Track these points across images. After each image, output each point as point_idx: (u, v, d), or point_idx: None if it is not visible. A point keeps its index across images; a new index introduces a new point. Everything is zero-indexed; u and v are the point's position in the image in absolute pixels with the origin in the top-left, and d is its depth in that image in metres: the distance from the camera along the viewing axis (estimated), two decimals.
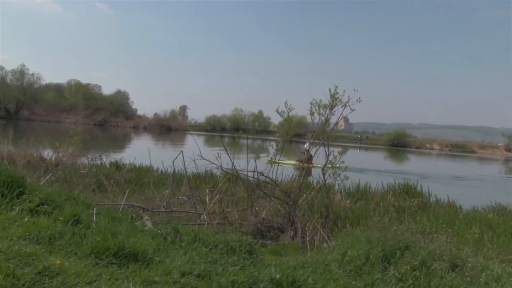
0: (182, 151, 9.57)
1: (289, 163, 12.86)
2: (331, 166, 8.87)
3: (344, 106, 8.62)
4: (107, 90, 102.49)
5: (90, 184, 10.16)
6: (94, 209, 5.95)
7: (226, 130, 73.78)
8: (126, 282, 3.57)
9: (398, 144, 74.44)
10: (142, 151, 15.91)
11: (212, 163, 8.70)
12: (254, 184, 8.82)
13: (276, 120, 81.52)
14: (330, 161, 8.86)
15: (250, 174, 8.80)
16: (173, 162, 9.75)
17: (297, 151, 24.56)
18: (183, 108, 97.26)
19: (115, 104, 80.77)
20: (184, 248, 4.95)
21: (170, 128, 78.75)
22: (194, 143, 10.34)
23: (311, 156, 9.82)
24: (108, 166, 13.70)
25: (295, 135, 10.34)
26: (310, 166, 9.84)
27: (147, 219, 6.57)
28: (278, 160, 9.19)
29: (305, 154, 23.19)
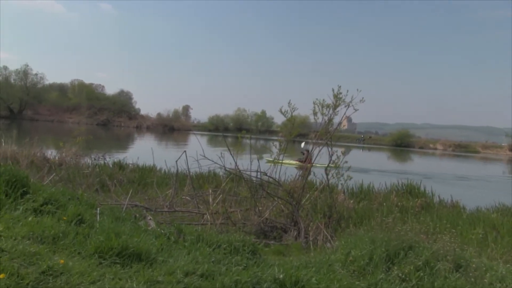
0: (185, 151, 9.57)
1: (288, 162, 12.84)
2: (334, 166, 8.85)
3: (347, 106, 8.62)
4: (110, 90, 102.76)
5: (94, 184, 10.18)
6: (98, 208, 5.96)
7: (229, 130, 73.76)
8: (129, 281, 3.57)
9: (402, 144, 74.33)
10: (145, 151, 15.96)
11: (215, 163, 8.70)
12: (257, 184, 8.82)
13: (279, 120, 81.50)
14: (333, 161, 8.85)
15: (253, 174, 8.80)
16: (176, 162, 9.76)
17: (300, 151, 24.53)
18: (186, 108, 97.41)
19: (118, 104, 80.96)
20: (187, 248, 4.94)
21: (173, 128, 78.82)
22: (197, 143, 10.33)
23: (310, 156, 9.81)
24: (111, 166, 13.71)
25: (298, 135, 10.27)
26: (309, 165, 9.81)
27: (150, 219, 6.57)
28: (278, 160, 9.18)
29: (304, 154, 23.34)
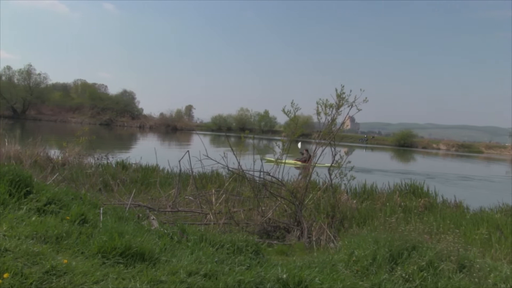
0: (188, 151, 9.58)
1: (287, 162, 12.80)
2: (337, 166, 8.84)
3: (351, 106, 8.60)
4: (113, 90, 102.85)
5: (97, 183, 10.20)
6: (101, 208, 5.96)
7: (232, 130, 73.75)
8: (133, 281, 3.57)
9: (405, 144, 74.18)
10: (148, 151, 15.95)
11: (218, 162, 8.70)
12: (260, 184, 8.81)
13: (282, 120, 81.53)
14: (336, 161, 8.84)
15: (256, 174, 8.79)
16: (179, 162, 9.76)
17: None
18: (189, 108, 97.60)
19: (121, 104, 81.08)
20: (190, 248, 4.94)
21: (176, 128, 78.89)
22: (200, 143, 10.34)
23: (310, 156, 9.80)
24: (114, 166, 13.74)
25: (301, 135, 10.27)
26: (307, 165, 9.83)
27: (153, 219, 6.58)
28: (276, 160, 9.17)
29: (303, 154, 23.35)
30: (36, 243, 3.94)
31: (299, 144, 23.93)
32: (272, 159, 9.18)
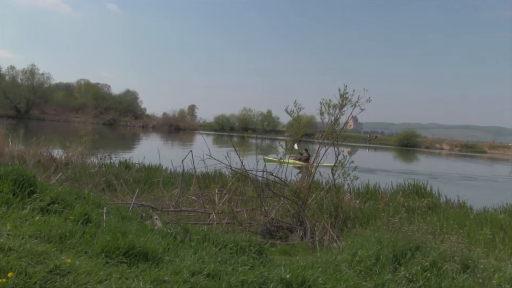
0: (191, 151, 9.58)
1: (286, 161, 12.75)
2: (340, 166, 8.83)
3: (354, 105, 8.59)
4: (116, 89, 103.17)
5: (100, 183, 10.21)
6: (104, 208, 5.97)
7: (235, 130, 73.80)
8: (136, 281, 3.57)
9: (408, 144, 74.04)
10: (151, 151, 16.00)
11: (221, 162, 8.70)
12: (263, 184, 8.81)
13: (284, 120, 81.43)
14: (339, 161, 8.82)
15: (259, 174, 8.79)
16: (182, 161, 9.77)
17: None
18: (192, 108, 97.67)
19: (124, 103, 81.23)
20: (193, 247, 4.94)
21: (179, 127, 78.94)
22: (203, 143, 10.33)
23: (309, 156, 9.80)
24: (117, 166, 13.74)
25: (304, 134, 10.28)
26: (307, 164, 9.82)
27: (156, 219, 6.58)
28: (276, 159, 9.16)
29: (302, 154, 23.36)
30: (40, 242, 3.95)
31: (296, 146, 23.92)
32: (272, 158, 9.18)
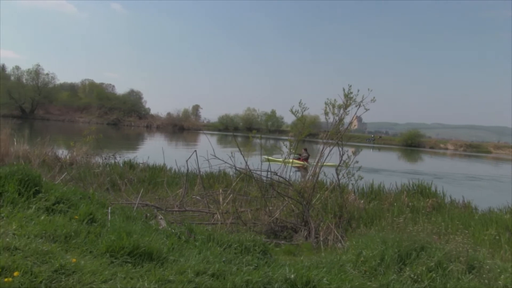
0: (195, 151, 9.59)
1: (285, 161, 12.74)
2: (345, 166, 8.81)
3: (358, 105, 8.57)
4: (120, 89, 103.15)
5: (104, 183, 10.23)
6: (109, 208, 5.98)
7: (239, 130, 73.81)
8: (141, 281, 3.58)
9: (412, 144, 73.81)
10: (155, 151, 16.00)
11: (225, 162, 8.70)
12: (268, 183, 8.80)
13: (289, 119, 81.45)
14: (344, 161, 8.81)
15: (263, 174, 8.79)
16: (186, 161, 9.78)
17: (310, 150, 24.49)
18: (196, 108, 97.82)
19: (128, 103, 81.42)
20: (198, 247, 4.95)
21: (183, 127, 79.05)
22: (207, 143, 10.35)
23: (308, 155, 9.78)
24: (121, 165, 13.77)
25: (308, 134, 10.28)
26: (304, 164, 9.82)
27: (161, 218, 6.59)
28: (275, 158, 9.16)
29: (300, 154, 23.34)
30: (45, 242, 3.97)
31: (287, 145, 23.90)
32: (271, 158, 9.17)
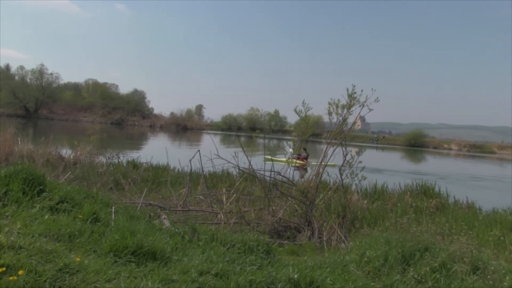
0: (199, 150, 9.60)
1: (285, 160, 12.73)
2: (348, 166, 8.80)
3: (362, 105, 8.56)
4: (124, 89, 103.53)
5: (108, 182, 10.24)
6: (113, 207, 5.99)
7: (242, 130, 73.81)
8: (144, 280, 3.58)
9: (415, 144, 73.65)
10: (158, 150, 16.03)
11: (229, 162, 8.70)
12: (271, 183, 8.80)
13: (292, 119, 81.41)
14: (347, 161, 8.79)
15: (267, 174, 8.79)
16: (190, 161, 9.78)
17: (313, 150, 24.47)
18: (199, 108, 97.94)
19: (132, 103, 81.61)
20: (201, 247, 4.95)
21: (186, 127, 79.20)
22: (211, 142, 10.35)
23: (307, 155, 9.78)
24: (125, 165, 13.79)
25: (312, 134, 10.28)
26: (303, 163, 9.83)
27: (164, 218, 6.59)
28: (274, 158, 9.14)
29: (300, 154, 23.31)
30: (49, 241, 3.98)
31: (291, 146, 23.89)
32: (271, 157, 9.16)
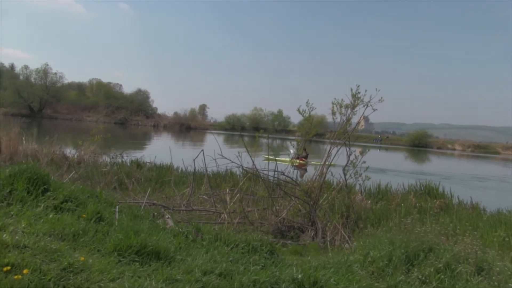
0: (202, 150, 9.60)
1: (284, 160, 12.76)
2: (352, 166, 8.78)
3: (366, 105, 8.55)
4: (128, 89, 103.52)
5: (112, 182, 10.26)
6: (116, 207, 6.00)
7: (245, 129, 73.78)
8: (148, 280, 3.58)
9: (419, 144, 73.40)
10: (162, 150, 16.04)
11: (232, 162, 8.71)
12: (275, 183, 8.80)
13: (295, 119, 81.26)
14: (351, 161, 8.78)
15: (270, 174, 8.78)
16: (193, 160, 9.79)
17: (316, 150, 24.43)
18: (203, 107, 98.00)
19: (135, 103, 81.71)
20: (205, 247, 4.95)
21: (189, 127, 79.26)
22: (214, 142, 10.39)
23: (307, 155, 9.79)
24: (129, 165, 13.83)
25: (315, 134, 10.28)
26: (303, 163, 9.83)
27: (168, 218, 6.60)
28: (275, 158, 9.15)
29: (299, 155, 23.26)
30: (54, 240, 3.98)
31: (291, 146, 23.87)
32: (271, 157, 9.18)
